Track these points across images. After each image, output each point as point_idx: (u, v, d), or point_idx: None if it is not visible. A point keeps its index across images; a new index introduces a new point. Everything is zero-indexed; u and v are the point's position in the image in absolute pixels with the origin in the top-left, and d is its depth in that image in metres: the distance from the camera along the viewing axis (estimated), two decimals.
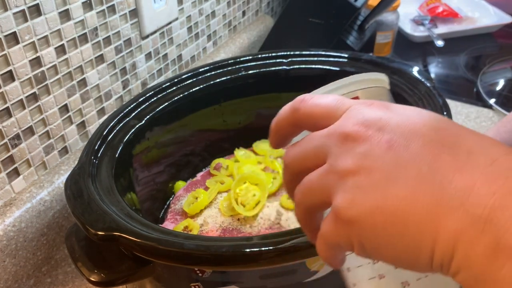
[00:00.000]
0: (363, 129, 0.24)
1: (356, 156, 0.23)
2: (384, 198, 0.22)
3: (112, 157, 0.52)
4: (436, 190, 0.21)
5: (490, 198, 0.20)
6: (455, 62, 1.05)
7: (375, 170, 0.22)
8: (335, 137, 0.24)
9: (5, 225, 0.54)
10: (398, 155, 0.22)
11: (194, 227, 0.55)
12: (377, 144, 0.23)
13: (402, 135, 0.23)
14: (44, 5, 0.54)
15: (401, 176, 0.22)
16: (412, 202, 0.21)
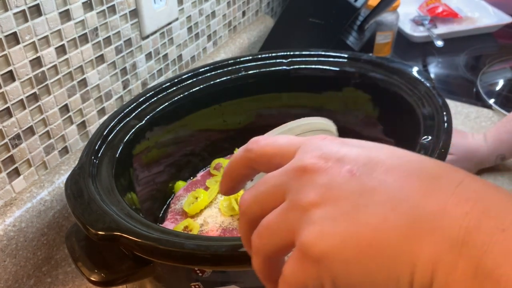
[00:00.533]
0: (321, 161, 0.22)
1: (318, 187, 0.21)
2: (354, 227, 0.20)
3: (112, 157, 0.52)
4: (408, 215, 0.20)
5: (463, 219, 0.19)
6: (455, 62, 1.05)
7: (342, 199, 0.21)
8: (293, 172, 0.23)
9: (6, 225, 0.54)
10: (363, 182, 0.21)
11: (194, 227, 0.55)
12: (339, 174, 0.21)
13: (364, 164, 0.21)
14: (44, 5, 0.54)
15: (370, 203, 0.20)
16: (385, 229, 0.20)
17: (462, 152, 0.70)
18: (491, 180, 0.71)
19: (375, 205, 0.20)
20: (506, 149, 0.69)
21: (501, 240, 0.18)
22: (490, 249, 0.18)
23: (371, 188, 0.21)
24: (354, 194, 0.21)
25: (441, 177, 0.20)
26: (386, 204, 0.20)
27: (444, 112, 0.52)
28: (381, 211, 0.20)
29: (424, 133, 0.50)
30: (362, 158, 0.22)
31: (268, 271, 0.24)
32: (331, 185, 0.21)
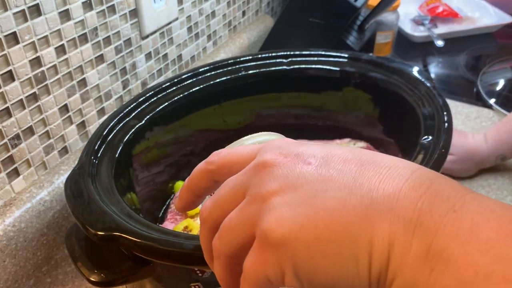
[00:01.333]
0: (281, 157, 0.23)
1: (277, 178, 0.22)
2: (314, 211, 0.20)
3: (112, 157, 0.52)
4: (365, 197, 0.20)
5: (417, 201, 0.19)
6: (455, 62, 1.05)
7: (301, 186, 0.21)
8: (252, 170, 0.23)
9: (5, 225, 0.54)
10: (321, 172, 0.21)
11: (194, 227, 0.55)
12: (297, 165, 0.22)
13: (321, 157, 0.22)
14: (44, 5, 0.54)
15: (328, 189, 0.21)
16: (344, 211, 0.20)
17: (462, 152, 0.70)
18: (491, 180, 0.71)
19: (333, 190, 0.21)
20: (507, 149, 0.69)
21: (452, 220, 0.19)
22: (441, 229, 0.18)
23: (329, 176, 0.21)
24: (313, 182, 0.21)
25: (397, 166, 0.21)
26: (344, 189, 0.21)
27: (445, 112, 0.52)
28: (339, 195, 0.20)
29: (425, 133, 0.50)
30: (319, 152, 0.23)
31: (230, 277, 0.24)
32: (290, 174, 0.22)
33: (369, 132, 0.66)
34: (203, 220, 0.25)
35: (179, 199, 0.29)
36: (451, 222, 0.19)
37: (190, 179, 0.28)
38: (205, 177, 0.27)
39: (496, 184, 0.70)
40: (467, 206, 0.19)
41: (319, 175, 0.21)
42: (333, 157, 0.22)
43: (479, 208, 0.19)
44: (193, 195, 0.28)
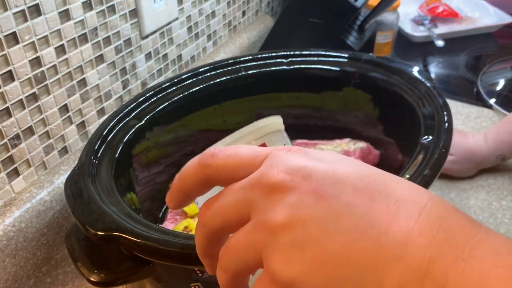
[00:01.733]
0: (288, 178, 0.22)
1: (286, 208, 0.21)
2: (323, 255, 0.20)
3: (112, 157, 0.52)
4: (375, 243, 0.20)
5: (427, 249, 0.19)
6: (455, 62, 1.05)
7: (309, 222, 0.21)
8: (259, 188, 0.22)
9: (5, 225, 0.54)
10: (330, 205, 0.21)
11: (194, 227, 0.55)
12: (306, 193, 0.21)
13: (330, 184, 0.21)
14: (44, 5, 0.54)
15: (337, 229, 0.20)
16: (353, 257, 0.20)
17: (462, 152, 0.70)
18: (491, 180, 0.71)
19: (343, 231, 0.20)
20: (507, 150, 0.69)
21: (461, 269, 0.18)
22: (450, 279, 0.18)
23: (339, 212, 0.21)
24: (322, 218, 0.21)
25: (405, 201, 0.21)
26: (353, 231, 0.20)
27: (445, 112, 0.52)
28: (349, 238, 0.20)
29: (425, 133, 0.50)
30: (329, 176, 0.22)
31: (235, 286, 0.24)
32: (299, 206, 0.21)
33: (369, 132, 0.66)
34: (202, 224, 0.24)
35: (169, 197, 0.27)
36: (460, 271, 0.18)
37: (182, 179, 0.26)
38: (199, 182, 0.25)
39: (496, 184, 0.70)
40: (475, 251, 0.19)
41: (328, 210, 0.21)
42: (344, 185, 0.21)
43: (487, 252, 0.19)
44: (185, 195, 0.26)
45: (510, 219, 0.64)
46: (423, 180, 0.44)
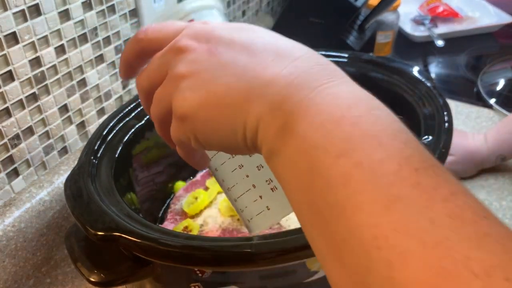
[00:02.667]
0: (192, 42, 0.28)
1: (186, 63, 0.27)
2: (208, 94, 0.26)
3: (111, 157, 0.52)
4: (247, 84, 0.25)
5: (283, 89, 0.24)
6: (456, 62, 1.05)
7: (202, 72, 0.27)
8: (172, 52, 0.28)
9: (5, 225, 0.54)
10: (219, 59, 0.27)
11: (194, 227, 0.55)
12: (203, 52, 0.27)
13: (223, 45, 0.27)
14: (43, 5, 0.54)
15: (221, 75, 0.26)
16: (229, 95, 0.26)
17: (462, 152, 0.70)
18: (492, 180, 0.71)
19: (226, 76, 0.26)
20: (507, 150, 0.69)
21: (305, 106, 0.24)
22: (297, 112, 0.24)
23: (225, 64, 0.26)
24: (212, 68, 0.26)
25: (284, 55, 0.26)
26: (233, 76, 0.26)
27: (445, 112, 0.52)
28: (229, 81, 0.26)
29: (425, 133, 0.50)
30: (224, 40, 0.27)
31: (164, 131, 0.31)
32: (196, 61, 0.27)
33: None
34: (139, 90, 0.31)
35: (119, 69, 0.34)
36: (304, 107, 0.24)
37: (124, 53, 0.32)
38: (137, 52, 0.31)
39: (496, 184, 0.70)
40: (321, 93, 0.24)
41: (218, 62, 0.26)
42: (234, 45, 0.27)
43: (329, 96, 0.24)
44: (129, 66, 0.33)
45: (511, 219, 0.64)
46: None
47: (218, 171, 0.37)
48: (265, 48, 0.27)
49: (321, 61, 0.27)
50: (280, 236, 0.38)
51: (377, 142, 0.22)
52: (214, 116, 0.26)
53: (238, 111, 0.25)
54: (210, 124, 0.26)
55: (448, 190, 0.20)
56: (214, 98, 0.26)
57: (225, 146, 0.28)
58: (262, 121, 0.25)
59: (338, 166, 0.21)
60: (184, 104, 0.27)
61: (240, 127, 0.26)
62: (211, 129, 0.27)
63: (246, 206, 0.37)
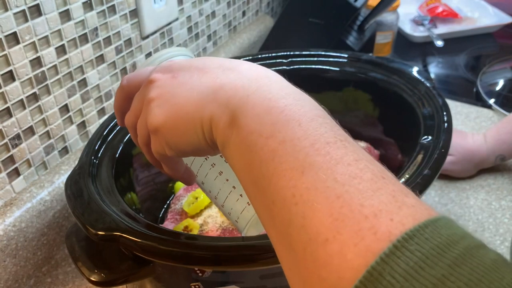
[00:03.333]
0: (159, 74, 0.34)
1: (154, 89, 0.33)
2: (171, 107, 0.32)
3: (112, 157, 0.52)
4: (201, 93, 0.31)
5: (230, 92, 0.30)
6: (455, 62, 1.05)
7: (166, 93, 0.32)
8: (145, 86, 0.34)
9: (6, 225, 0.54)
10: (179, 80, 0.32)
11: (194, 227, 0.55)
12: (167, 78, 0.33)
13: (183, 70, 0.33)
14: (44, 5, 0.54)
15: (181, 91, 0.32)
16: (187, 104, 0.31)
17: (461, 152, 0.70)
18: (491, 180, 0.71)
19: (185, 91, 0.32)
20: (506, 150, 0.69)
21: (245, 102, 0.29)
22: (239, 108, 0.29)
23: (183, 82, 0.32)
24: (173, 88, 0.32)
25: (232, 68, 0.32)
26: (190, 90, 0.32)
27: (444, 112, 0.52)
28: (187, 94, 0.32)
29: (424, 133, 0.50)
30: (183, 67, 0.33)
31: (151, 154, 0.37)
32: (162, 86, 0.33)
33: (369, 132, 0.66)
34: (129, 128, 0.37)
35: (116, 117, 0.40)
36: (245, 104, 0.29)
37: (115, 103, 0.39)
38: (123, 99, 0.38)
39: (496, 184, 0.70)
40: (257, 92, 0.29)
41: (178, 83, 0.32)
42: (191, 68, 0.33)
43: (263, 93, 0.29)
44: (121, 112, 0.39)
45: (510, 219, 0.65)
46: (423, 180, 0.44)
47: (204, 184, 0.42)
48: (215, 66, 0.33)
49: (260, 69, 0.32)
50: None
51: (298, 124, 0.27)
52: (178, 122, 0.32)
53: (196, 115, 0.31)
54: (176, 130, 0.32)
55: (353, 157, 0.25)
56: (177, 109, 0.32)
57: (192, 148, 0.32)
58: (214, 119, 0.30)
59: (268, 145, 0.27)
60: (154, 119, 0.32)
61: (199, 127, 0.31)
62: (178, 134, 0.32)
63: (231, 208, 0.41)
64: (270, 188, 0.26)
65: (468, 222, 0.65)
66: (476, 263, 0.21)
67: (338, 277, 0.22)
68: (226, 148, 0.30)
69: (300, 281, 0.24)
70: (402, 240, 0.21)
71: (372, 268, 0.21)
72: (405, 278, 0.20)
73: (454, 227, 0.23)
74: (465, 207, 0.67)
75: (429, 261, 0.21)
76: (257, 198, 0.28)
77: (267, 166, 0.26)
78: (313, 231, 0.23)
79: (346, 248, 0.22)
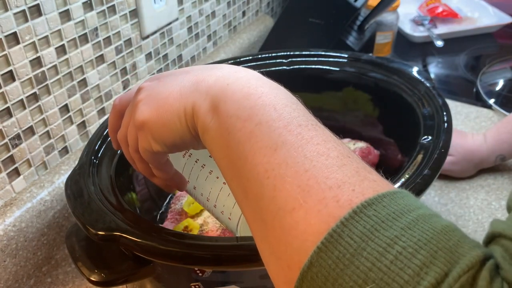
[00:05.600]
0: (147, 82, 0.36)
1: (141, 93, 0.36)
2: (155, 101, 0.34)
3: (112, 157, 0.52)
4: (184, 86, 0.34)
5: (211, 83, 0.32)
6: (455, 62, 1.05)
7: (152, 93, 0.35)
8: (134, 95, 0.37)
9: (6, 225, 0.54)
10: (164, 82, 0.35)
11: (194, 227, 0.55)
12: (153, 83, 0.36)
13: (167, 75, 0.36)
14: (44, 5, 0.54)
15: (165, 88, 0.34)
16: (170, 96, 0.34)
17: (461, 152, 0.70)
18: (491, 180, 0.71)
19: (169, 88, 0.34)
20: (506, 150, 0.69)
21: (225, 90, 0.31)
22: (219, 95, 0.31)
23: (167, 83, 0.35)
24: (158, 88, 0.35)
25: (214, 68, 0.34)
26: (174, 85, 0.34)
27: (444, 112, 0.52)
28: (170, 90, 0.34)
29: (424, 133, 0.50)
30: (172, 73, 0.36)
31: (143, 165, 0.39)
32: (149, 89, 0.35)
33: (369, 132, 0.66)
34: (120, 141, 0.39)
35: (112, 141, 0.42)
36: (226, 91, 0.31)
37: (109, 121, 0.41)
38: (115, 117, 0.40)
39: (495, 184, 0.70)
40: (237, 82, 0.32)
41: (163, 83, 0.35)
42: (176, 72, 0.36)
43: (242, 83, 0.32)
44: (115, 132, 0.40)
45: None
46: (423, 180, 0.44)
47: (196, 188, 0.43)
48: (199, 68, 0.35)
49: (241, 68, 0.34)
50: None
51: (273, 108, 0.29)
52: (162, 115, 0.34)
53: (179, 104, 0.33)
54: (160, 121, 0.34)
55: (322, 138, 0.28)
56: (161, 103, 0.34)
57: (176, 139, 0.34)
58: (195, 106, 0.32)
59: (245, 127, 0.29)
60: (140, 115, 0.34)
61: (182, 115, 0.33)
62: (162, 125, 0.34)
63: (223, 205, 0.41)
64: (245, 167, 0.28)
65: (468, 222, 0.65)
66: (428, 227, 0.23)
67: (302, 240, 0.24)
68: (205, 133, 0.32)
69: (270, 249, 0.27)
70: (361, 207, 0.24)
71: (332, 230, 0.23)
72: (362, 238, 0.23)
73: (412, 199, 0.25)
74: (465, 207, 0.67)
75: (384, 224, 0.23)
76: (234, 180, 0.30)
77: (244, 146, 0.29)
78: (282, 201, 0.26)
79: (310, 214, 0.25)
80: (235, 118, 0.30)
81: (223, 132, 0.30)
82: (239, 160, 0.29)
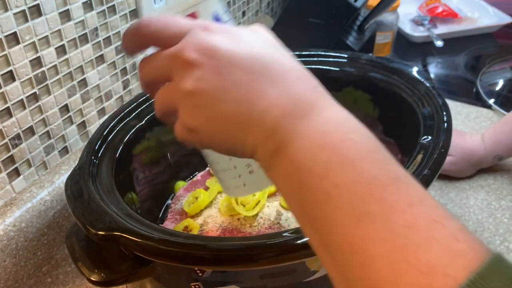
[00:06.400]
0: (198, 57, 0.30)
1: (193, 80, 0.30)
2: (212, 114, 0.30)
3: (112, 157, 0.52)
4: (246, 111, 0.29)
5: (277, 119, 0.29)
6: (455, 62, 1.05)
7: (207, 93, 0.30)
8: (176, 62, 0.31)
9: (6, 225, 0.54)
10: (223, 82, 0.30)
11: (194, 227, 0.55)
12: (208, 70, 0.30)
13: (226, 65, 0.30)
14: (44, 6, 0.54)
15: (224, 99, 0.30)
16: (230, 119, 0.30)
17: (460, 152, 0.70)
18: (491, 180, 0.71)
19: (228, 101, 0.30)
20: (504, 150, 0.69)
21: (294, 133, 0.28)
22: (287, 139, 0.28)
23: (228, 87, 0.30)
24: (216, 91, 0.30)
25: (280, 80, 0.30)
26: (235, 102, 0.30)
27: (444, 112, 0.52)
28: (230, 106, 0.30)
29: (424, 133, 0.50)
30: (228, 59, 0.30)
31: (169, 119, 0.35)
32: (202, 80, 0.30)
33: None
34: (141, 76, 0.35)
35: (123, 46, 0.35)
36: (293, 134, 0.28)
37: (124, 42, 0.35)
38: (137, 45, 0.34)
39: (495, 184, 0.70)
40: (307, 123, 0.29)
41: (222, 85, 0.30)
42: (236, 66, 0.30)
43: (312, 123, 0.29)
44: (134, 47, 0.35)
45: (509, 219, 0.65)
46: (423, 180, 0.44)
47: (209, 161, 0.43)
48: (262, 72, 0.30)
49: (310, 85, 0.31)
50: (280, 236, 0.38)
51: (352, 166, 0.27)
52: (217, 133, 0.31)
53: (238, 134, 0.30)
54: (214, 139, 0.31)
55: (406, 202, 0.25)
56: (218, 120, 0.30)
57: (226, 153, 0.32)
58: (259, 147, 0.30)
59: (322, 186, 0.27)
60: (192, 121, 0.31)
61: (240, 146, 0.31)
62: (215, 142, 0.31)
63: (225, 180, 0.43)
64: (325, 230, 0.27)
65: (468, 222, 0.65)
66: None
67: None
68: (270, 171, 0.30)
69: None
70: None
71: None
72: None
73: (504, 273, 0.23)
74: (465, 207, 0.67)
75: None
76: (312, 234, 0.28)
77: (322, 208, 0.27)
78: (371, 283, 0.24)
79: None
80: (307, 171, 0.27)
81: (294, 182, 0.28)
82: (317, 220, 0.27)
